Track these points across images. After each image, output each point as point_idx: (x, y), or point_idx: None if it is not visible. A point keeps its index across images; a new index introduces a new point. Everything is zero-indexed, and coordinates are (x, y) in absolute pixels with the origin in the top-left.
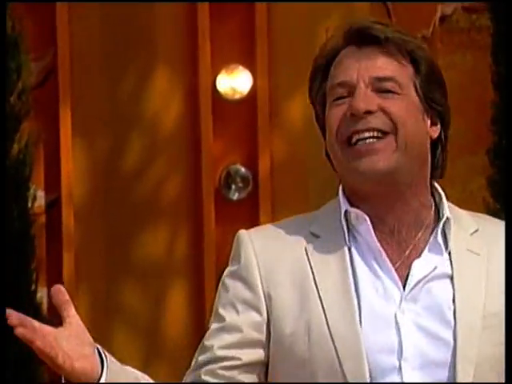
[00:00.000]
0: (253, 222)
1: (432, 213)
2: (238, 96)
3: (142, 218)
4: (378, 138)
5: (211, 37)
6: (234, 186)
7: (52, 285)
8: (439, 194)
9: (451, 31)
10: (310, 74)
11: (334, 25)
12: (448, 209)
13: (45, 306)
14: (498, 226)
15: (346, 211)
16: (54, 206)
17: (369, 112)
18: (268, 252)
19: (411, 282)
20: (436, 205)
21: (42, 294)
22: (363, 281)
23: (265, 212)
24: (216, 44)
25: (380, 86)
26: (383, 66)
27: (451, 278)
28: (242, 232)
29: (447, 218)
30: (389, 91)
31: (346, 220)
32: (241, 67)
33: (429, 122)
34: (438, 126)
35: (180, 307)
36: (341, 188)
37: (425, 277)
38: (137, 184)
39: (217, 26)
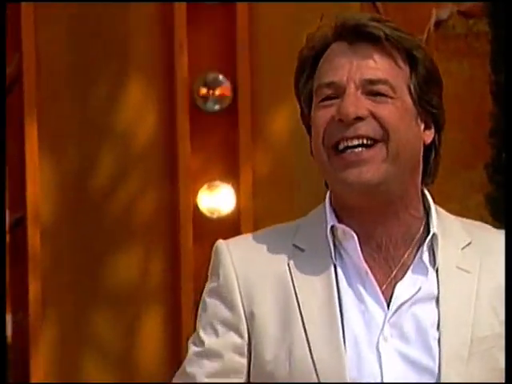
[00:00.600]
0: None
1: (422, 226)
2: (217, 106)
3: (114, 239)
4: (367, 146)
5: (189, 42)
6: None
7: (17, 311)
8: (429, 204)
9: (447, 37)
10: (297, 66)
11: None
12: (437, 220)
13: (9, 334)
14: (495, 236)
15: (332, 226)
16: (19, 225)
17: (358, 118)
18: (248, 266)
19: (394, 305)
20: (427, 216)
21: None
22: (347, 304)
23: (246, 231)
24: (194, 50)
25: (371, 89)
26: (376, 66)
27: (437, 300)
28: (220, 243)
29: (434, 234)
30: (381, 94)
31: (333, 235)
32: (221, 76)
33: (422, 126)
34: (432, 129)
35: (155, 335)
36: (328, 196)
37: (408, 300)
38: (109, 202)
39: (195, 29)
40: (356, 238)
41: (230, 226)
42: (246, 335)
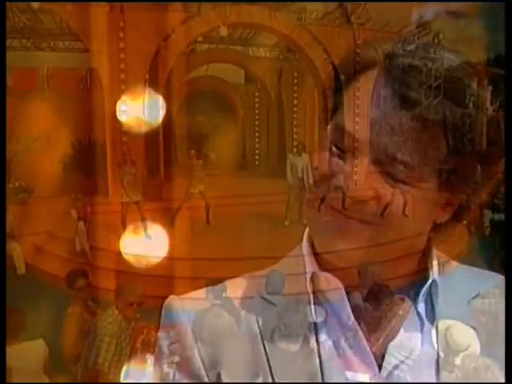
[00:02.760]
0: None
1: (417, 274)
2: None
3: None
4: None
5: None
6: None
7: None
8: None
9: None
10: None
11: None
12: (437, 264)
13: None
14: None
15: (312, 274)
16: None
17: None
18: (209, 326)
19: (385, 370)
20: (424, 257)
21: None
22: (330, 366)
23: None
24: None
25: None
26: None
27: (437, 365)
28: (174, 300)
29: (433, 281)
30: None
31: (312, 284)
32: None
33: None
34: None
35: None
36: (306, 238)
37: (400, 363)
38: None
39: None
40: (343, 289)
41: None
42: None
